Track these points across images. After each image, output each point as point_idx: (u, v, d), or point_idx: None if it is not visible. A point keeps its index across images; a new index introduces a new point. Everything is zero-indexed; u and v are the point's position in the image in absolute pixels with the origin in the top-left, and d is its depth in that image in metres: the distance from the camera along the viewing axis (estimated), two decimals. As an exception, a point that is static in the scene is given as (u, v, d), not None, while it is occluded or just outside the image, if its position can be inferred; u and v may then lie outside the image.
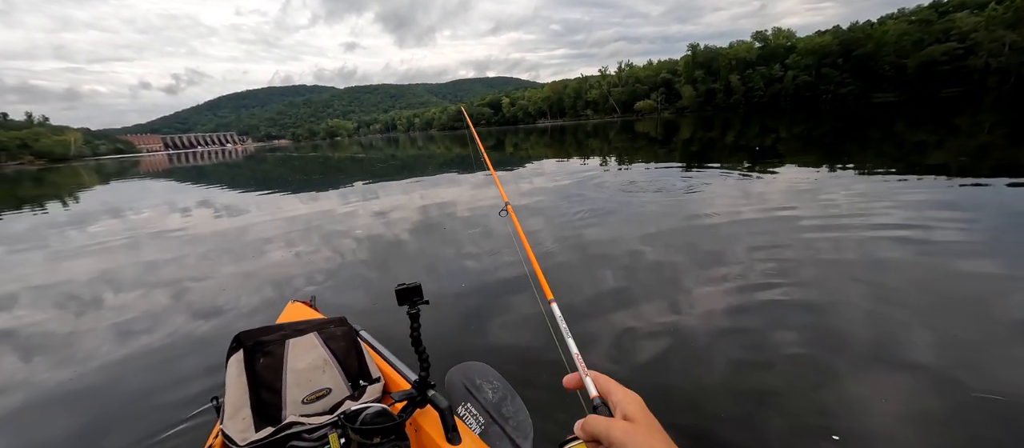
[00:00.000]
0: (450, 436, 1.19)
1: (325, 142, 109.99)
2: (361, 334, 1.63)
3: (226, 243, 6.44)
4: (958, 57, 46.83)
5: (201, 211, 9.78)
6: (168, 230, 7.77)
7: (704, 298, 3.31)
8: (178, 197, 13.21)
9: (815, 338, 2.65)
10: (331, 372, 1.36)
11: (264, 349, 1.34)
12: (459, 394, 1.50)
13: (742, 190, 7.32)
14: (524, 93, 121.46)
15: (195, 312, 3.85)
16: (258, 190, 13.20)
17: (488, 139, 39.55)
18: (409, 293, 1.15)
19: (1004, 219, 4.67)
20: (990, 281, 3.27)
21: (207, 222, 8.31)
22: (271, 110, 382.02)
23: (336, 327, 1.50)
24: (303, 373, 1.32)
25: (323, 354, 1.39)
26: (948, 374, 2.22)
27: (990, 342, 2.50)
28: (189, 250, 6.15)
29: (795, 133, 18.85)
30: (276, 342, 1.36)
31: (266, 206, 9.85)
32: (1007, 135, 12.07)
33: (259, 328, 1.38)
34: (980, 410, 1.98)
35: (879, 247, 4.04)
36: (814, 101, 57.42)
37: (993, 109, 21.73)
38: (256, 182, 16.86)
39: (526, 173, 12.37)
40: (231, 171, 25.57)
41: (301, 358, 1.35)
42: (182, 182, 19.09)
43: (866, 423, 1.94)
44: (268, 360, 1.32)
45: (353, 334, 1.53)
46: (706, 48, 73.86)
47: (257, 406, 1.24)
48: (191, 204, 11.04)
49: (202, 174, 24.15)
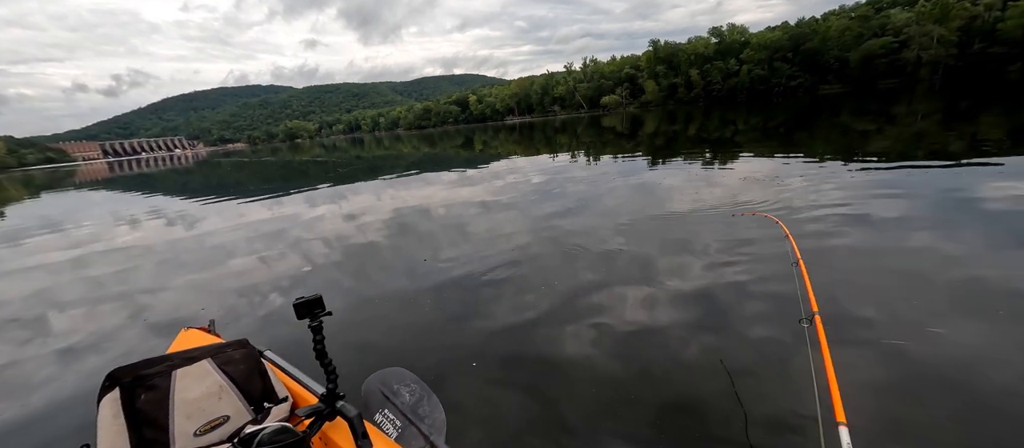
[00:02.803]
0: (360, 444, 1.18)
1: (285, 145, 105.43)
2: (266, 354, 1.60)
3: (130, 261, 5.99)
4: (894, 51, 50.59)
5: (121, 225, 9.09)
6: (61, 248, 7.16)
7: (675, 279, 3.38)
8: (102, 209, 12.24)
9: (775, 312, 2.75)
10: (229, 398, 1.30)
11: (146, 383, 1.22)
12: (376, 401, 1.56)
13: (705, 179, 7.57)
14: (491, 90, 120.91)
15: (83, 340, 3.50)
16: (201, 198, 12.44)
17: (456, 138, 39.18)
18: (309, 306, 1.14)
19: (938, 197, 5.06)
20: (928, 255, 3.52)
21: (120, 236, 7.73)
22: (224, 112, 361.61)
23: (234, 350, 1.42)
24: (195, 403, 1.24)
25: (219, 380, 1.31)
26: (895, 345, 2.37)
27: (929, 312, 2.68)
28: (77, 273, 5.61)
29: (752, 125, 19.75)
30: (160, 374, 1.25)
31: (212, 216, 9.28)
32: (938, 122, 13.15)
33: (139, 362, 1.27)
34: (924, 376, 2.12)
35: (829, 228, 4.28)
36: (768, 94, 60.45)
37: (925, 98, 23.63)
38: (205, 189, 15.89)
39: (501, 170, 12.30)
40: (181, 178, 24.01)
41: (192, 388, 1.26)
42: (119, 192, 17.71)
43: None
44: (151, 395, 1.21)
45: (255, 356, 1.47)
46: (667, 44, 76.25)
47: (139, 447, 1.15)
48: (103, 218, 10.25)
49: (144, 182, 22.55)
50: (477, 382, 2.43)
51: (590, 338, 2.77)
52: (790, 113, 23.93)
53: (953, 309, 2.72)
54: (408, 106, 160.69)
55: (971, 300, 2.80)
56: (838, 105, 26.44)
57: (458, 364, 2.61)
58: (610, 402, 2.17)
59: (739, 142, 13.56)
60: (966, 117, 13.64)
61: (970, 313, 2.64)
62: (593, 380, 2.36)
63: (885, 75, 51.19)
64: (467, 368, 2.56)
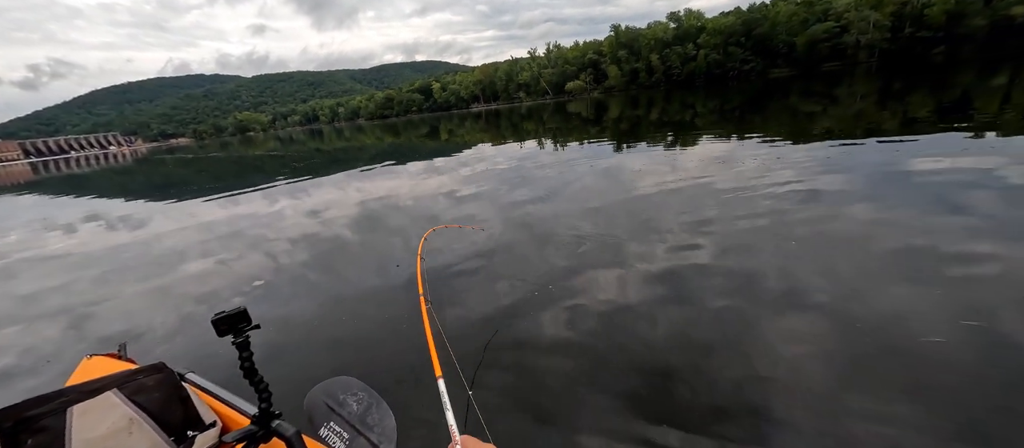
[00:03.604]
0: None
1: (236, 138, 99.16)
2: (187, 377, 1.47)
3: (38, 277, 5.54)
4: (836, 35, 53.86)
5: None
6: None
7: (643, 261, 3.49)
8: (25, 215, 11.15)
9: (736, 287, 2.92)
10: (142, 432, 1.17)
11: (32, 427, 1.05)
12: (321, 414, 1.48)
13: (669, 162, 7.83)
14: (455, 77, 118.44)
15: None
16: (140, 199, 11.57)
17: (421, 127, 38.30)
18: (232, 320, 1.04)
19: (875, 171, 5.50)
20: (865, 224, 3.83)
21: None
22: (163, 104, 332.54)
23: (147, 377, 1.27)
24: (99, 442, 1.10)
25: (128, 413, 1.17)
26: (838, 306, 2.60)
27: (866, 275, 2.95)
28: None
29: (710, 108, 20.52)
30: (52, 413, 1.09)
31: (154, 219, 8.66)
32: (875, 102, 14.18)
33: (25, 401, 1.09)
34: (861, 332, 2.34)
35: (779, 202, 4.56)
36: (723, 77, 62.84)
37: (863, 80, 25.38)
38: (147, 190, 14.77)
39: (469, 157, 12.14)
40: (120, 178, 22.15)
41: (94, 425, 1.11)
42: (45, 195, 16.13)
43: (778, 355, 2.19)
44: (41, 438, 1.05)
45: (173, 380, 1.33)
46: (628, 29, 77.38)
47: None
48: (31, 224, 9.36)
49: (77, 184, 20.65)
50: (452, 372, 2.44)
51: (565, 319, 2.83)
52: (745, 96, 25.04)
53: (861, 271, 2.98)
54: (369, 95, 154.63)
55: (906, 262, 3.07)
56: (787, 88, 27.93)
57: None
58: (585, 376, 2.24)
59: (699, 125, 14.07)
60: (898, 97, 14.79)
61: (903, 277, 2.90)
62: (570, 356, 2.42)
63: (829, 58, 54.46)
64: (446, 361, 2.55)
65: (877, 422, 1.82)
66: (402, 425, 1.55)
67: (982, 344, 2.20)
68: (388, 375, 2.49)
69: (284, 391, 1.53)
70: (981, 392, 1.91)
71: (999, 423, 1.76)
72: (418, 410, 2.13)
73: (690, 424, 1.89)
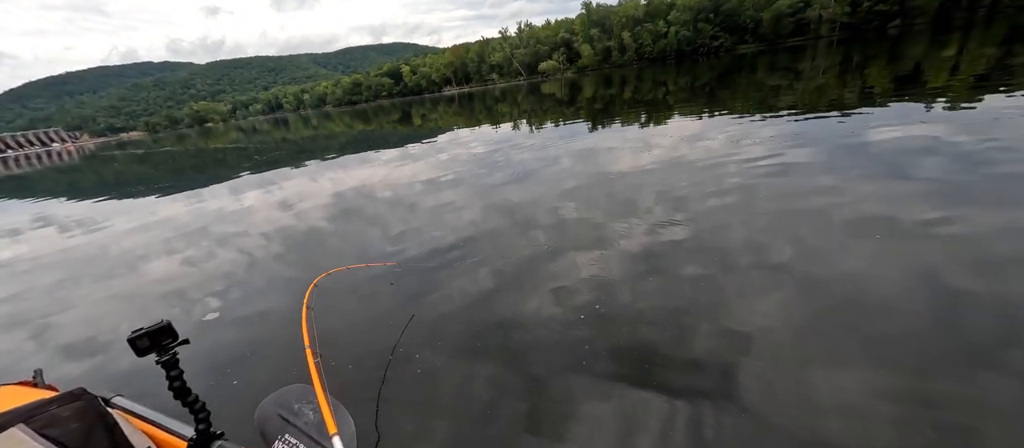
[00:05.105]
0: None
1: (193, 130, 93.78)
2: (114, 401, 1.36)
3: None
4: (799, 10, 55.31)
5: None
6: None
7: (622, 237, 3.55)
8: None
9: (711, 259, 3.02)
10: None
11: None
12: (275, 427, 1.39)
13: (642, 140, 7.92)
14: (426, 60, 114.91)
15: None
16: (86, 199, 10.85)
17: (393, 112, 37.23)
18: (154, 337, 0.95)
19: (837, 143, 5.74)
20: (827, 193, 4.02)
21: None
22: (110, 96, 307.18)
23: (62, 406, 1.14)
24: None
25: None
26: (804, 270, 2.78)
27: (828, 240, 3.14)
28: None
29: (681, 86, 20.79)
30: None
31: (109, 220, 8.15)
32: (836, 75, 14.70)
33: None
34: (828, 294, 2.51)
35: (747, 178, 4.73)
36: (694, 54, 63.67)
37: (825, 54, 26.22)
38: (97, 189, 13.85)
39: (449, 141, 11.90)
40: (66, 177, 20.66)
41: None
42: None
43: (751, 320, 2.30)
44: None
45: (96, 407, 1.21)
46: (599, 6, 76.83)
47: None
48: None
49: (19, 186, 19.15)
50: (441, 356, 2.43)
51: (550, 300, 2.86)
52: (714, 73, 25.46)
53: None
54: (335, 80, 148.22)
55: (864, 227, 3.24)
56: (755, 63, 28.58)
57: (425, 340, 2.57)
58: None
59: (671, 103, 14.25)
60: (858, 69, 15.39)
61: (856, 236, 3.06)
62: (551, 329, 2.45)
63: (793, 33, 56.03)
64: (433, 343, 2.54)
65: (835, 368, 1.99)
66: None
67: (934, 300, 2.38)
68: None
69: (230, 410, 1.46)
70: (931, 342, 2.08)
71: (946, 370, 1.91)
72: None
73: (669, 381, 1.96)
